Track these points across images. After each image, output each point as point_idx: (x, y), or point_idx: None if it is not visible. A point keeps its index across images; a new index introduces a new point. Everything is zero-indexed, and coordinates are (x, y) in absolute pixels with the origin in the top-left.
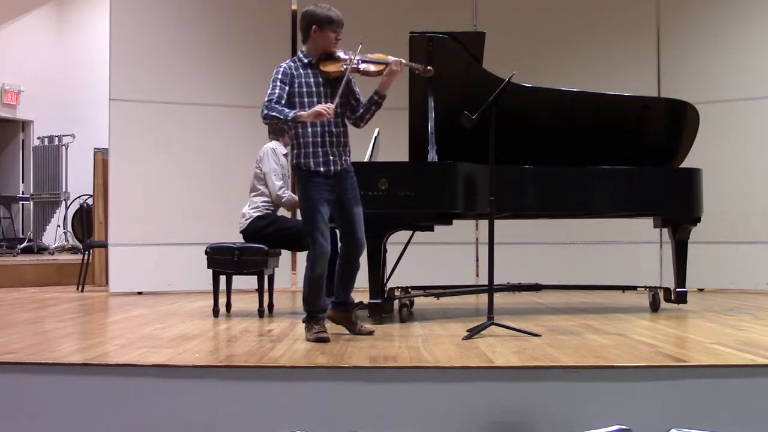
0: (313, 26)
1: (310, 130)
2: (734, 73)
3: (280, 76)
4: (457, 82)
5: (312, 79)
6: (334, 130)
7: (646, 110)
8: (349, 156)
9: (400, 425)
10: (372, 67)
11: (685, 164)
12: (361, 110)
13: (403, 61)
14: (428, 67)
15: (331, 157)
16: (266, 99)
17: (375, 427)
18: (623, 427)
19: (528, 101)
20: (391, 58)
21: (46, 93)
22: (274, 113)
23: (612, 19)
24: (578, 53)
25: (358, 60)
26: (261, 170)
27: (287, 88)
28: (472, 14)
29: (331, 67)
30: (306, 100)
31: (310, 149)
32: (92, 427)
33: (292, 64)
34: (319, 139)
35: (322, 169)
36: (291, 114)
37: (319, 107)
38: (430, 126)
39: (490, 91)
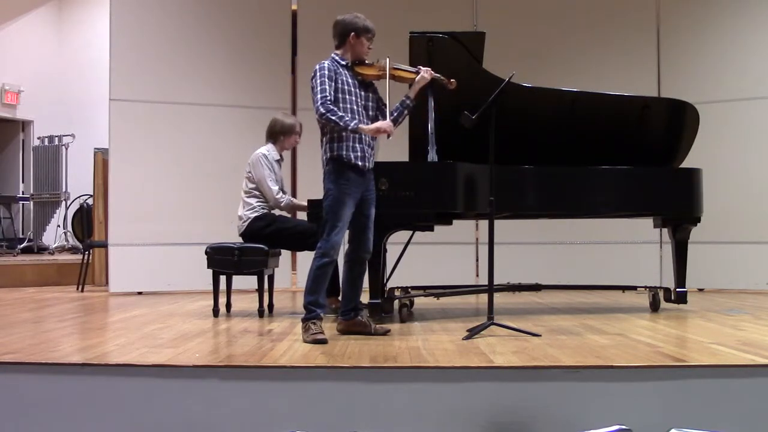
0: (352, 33)
1: None
2: (734, 73)
3: (326, 73)
4: (457, 82)
5: (350, 80)
6: None
7: (646, 110)
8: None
9: (400, 425)
10: (404, 74)
11: (685, 164)
12: (395, 113)
13: (432, 71)
14: (451, 80)
15: (366, 155)
16: (319, 96)
17: (375, 427)
18: (623, 427)
19: (528, 101)
20: (420, 68)
21: (46, 93)
22: (334, 117)
23: (612, 19)
24: (578, 53)
25: (392, 66)
26: (253, 175)
27: (333, 84)
28: (472, 14)
29: (368, 71)
30: (347, 97)
31: (351, 143)
32: (92, 427)
33: (332, 64)
34: (358, 135)
35: (359, 163)
36: (352, 124)
37: (380, 124)
38: (430, 126)
39: (490, 91)
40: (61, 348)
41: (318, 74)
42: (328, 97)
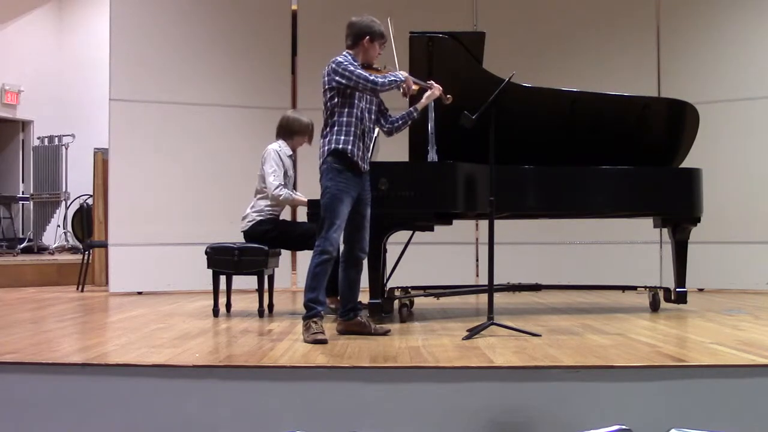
0: (367, 37)
1: (359, 123)
2: (734, 73)
3: (353, 61)
4: (457, 82)
5: None
6: (369, 134)
7: (646, 110)
8: None
9: (400, 425)
10: (413, 85)
11: (685, 164)
12: (399, 122)
13: (441, 88)
14: (448, 96)
15: (365, 156)
16: (364, 74)
17: (375, 427)
18: (623, 427)
19: (528, 101)
20: (432, 83)
21: (46, 93)
22: (387, 78)
23: (612, 19)
24: (578, 53)
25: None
26: (263, 170)
27: None
28: (472, 14)
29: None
30: (357, 94)
31: (354, 139)
32: (92, 427)
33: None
34: (361, 134)
35: (360, 162)
36: (399, 75)
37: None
38: (430, 126)
39: (490, 91)
40: (61, 348)
41: (345, 62)
42: (368, 74)
